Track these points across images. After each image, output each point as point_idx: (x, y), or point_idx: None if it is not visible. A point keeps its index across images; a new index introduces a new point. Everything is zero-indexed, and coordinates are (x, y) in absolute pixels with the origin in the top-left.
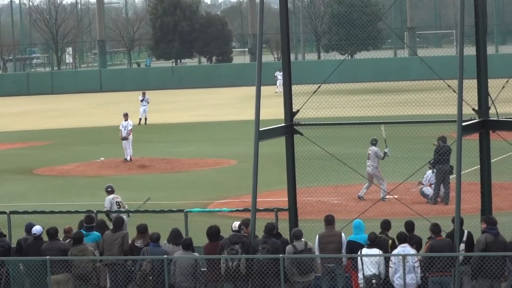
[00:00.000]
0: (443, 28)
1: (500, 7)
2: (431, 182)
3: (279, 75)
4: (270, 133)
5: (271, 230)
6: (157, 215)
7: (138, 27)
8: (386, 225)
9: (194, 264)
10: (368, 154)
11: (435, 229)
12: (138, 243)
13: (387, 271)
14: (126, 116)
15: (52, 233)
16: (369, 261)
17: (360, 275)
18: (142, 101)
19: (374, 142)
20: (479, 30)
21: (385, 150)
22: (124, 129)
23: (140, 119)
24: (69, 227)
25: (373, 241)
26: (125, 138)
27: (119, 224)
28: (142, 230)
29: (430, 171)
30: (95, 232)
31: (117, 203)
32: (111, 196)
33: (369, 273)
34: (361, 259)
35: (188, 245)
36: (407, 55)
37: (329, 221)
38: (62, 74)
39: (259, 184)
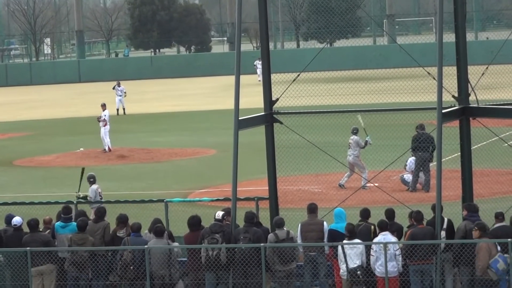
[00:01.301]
0: (422, 15)
1: None
2: (413, 169)
3: (258, 64)
4: (250, 122)
5: (252, 218)
6: (138, 205)
7: (116, 17)
8: (365, 213)
9: (169, 252)
10: (349, 143)
11: (417, 216)
12: (120, 233)
13: (368, 260)
14: (104, 106)
15: (33, 224)
16: (353, 253)
17: (343, 267)
18: (114, 89)
19: (355, 131)
20: (458, 17)
21: (366, 139)
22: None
23: (118, 109)
24: (49, 217)
25: (351, 232)
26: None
27: (101, 214)
28: (122, 220)
29: (412, 158)
30: (73, 223)
31: (99, 194)
32: (95, 186)
33: (354, 265)
34: (343, 252)
35: (160, 232)
36: (386, 42)
37: (312, 209)
38: (40, 65)
39: (239, 173)
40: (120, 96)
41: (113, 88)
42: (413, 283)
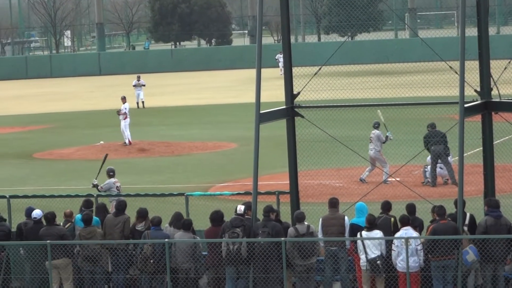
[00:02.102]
0: (444, 9)
1: None
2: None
3: (280, 57)
4: (271, 115)
5: (268, 212)
6: (158, 199)
7: (137, 10)
8: (386, 206)
9: (194, 246)
10: (371, 137)
11: (440, 211)
12: (139, 227)
13: (388, 252)
14: (124, 99)
15: (49, 218)
16: (371, 244)
17: (363, 258)
18: (135, 86)
19: (376, 126)
20: (481, 11)
21: (387, 134)
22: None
23: (137, 103)
24: (70, 211)
25: (371, 224)
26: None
27: (121, 208)
28: (142, 214)
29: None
30: (94, 217)
31: (117, 188)
32: (113, 179)
33: (373, 255)
34: (362, 242)
35: (188, 226)
36: (408, 36)
37: (333, 204)
38: (60, 58)
39: (260, 167)
40: (140, 90)
41: (134, 85)
42: (435, 278)
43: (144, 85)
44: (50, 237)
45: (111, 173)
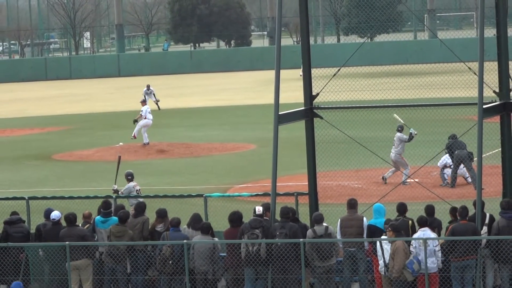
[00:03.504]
0: (463, 10)
1: None
2: (447, 165)
3: None
4: (290, 116)
5: (287, 213)
6: (177, 200)
7: (156, 11)
8: (402, 208)
9: (212, 248)
10: (394, 140)
11: (463, 212)
12: (159, 228)
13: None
14: (143, 102)
15: (71, 219)
16: (390, 248)
17: (381, 263)
18: (146, 95)
19: (399, 129)
20: (500, 12)
21: (410, 131)
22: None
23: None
24: (89, 212)
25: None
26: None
27: (140, 209)
28: (161, 214)
29: (446, 155)
30: (113, 217)
31: (137, 191)
32: (132, 183)
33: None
34: (381, 246)
35: (207, 229)
36: (427, 37)
37: (352, 205)
38: (80, 59)
39: (278, 168)
40: (151, 97)
41: (144, 96)
42: (454, 279)
43: (154, 94)
44: (71, 238)
45: (129, 177)
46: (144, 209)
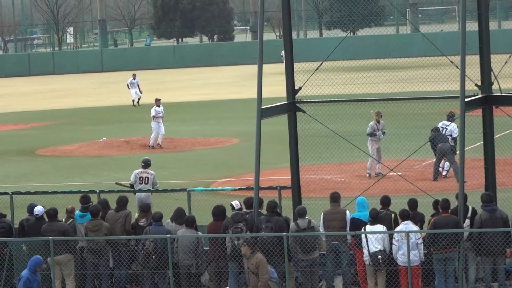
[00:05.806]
0: (445, 4)
1: None
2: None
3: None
4: (273, 111)
5: (274, 208)
6: (160, 194)
7: (139, 6)
8: (386, 201)
9: (196, 242)
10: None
11: (445, 204)
12: (142, 222)
13: (391, 247)
14: (158, 101)
15: (51, 214)
16: (374, 238)
17: (365, 252)
18: (131, 84)
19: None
20: (481, 6)
21: (378, 133)
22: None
23: (133, 100)
24: (72, 207)
25: (375, 217)
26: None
27: (122, 203)
28: (145, 209)
29: None
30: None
31: (140, 178)
32: (137, 170)
33: (375, 249)
34: (366, 236)
35: (191, 223)
36: (409, 31)
37: (335, 198)
38: (63, 54)
39: (262, 162)
40: (135, 88)
41: (129, 85)
42: (437, 271)
43: (138, 85)
44: (52, 233)
45: (142, 164)
46: (126, 203)
